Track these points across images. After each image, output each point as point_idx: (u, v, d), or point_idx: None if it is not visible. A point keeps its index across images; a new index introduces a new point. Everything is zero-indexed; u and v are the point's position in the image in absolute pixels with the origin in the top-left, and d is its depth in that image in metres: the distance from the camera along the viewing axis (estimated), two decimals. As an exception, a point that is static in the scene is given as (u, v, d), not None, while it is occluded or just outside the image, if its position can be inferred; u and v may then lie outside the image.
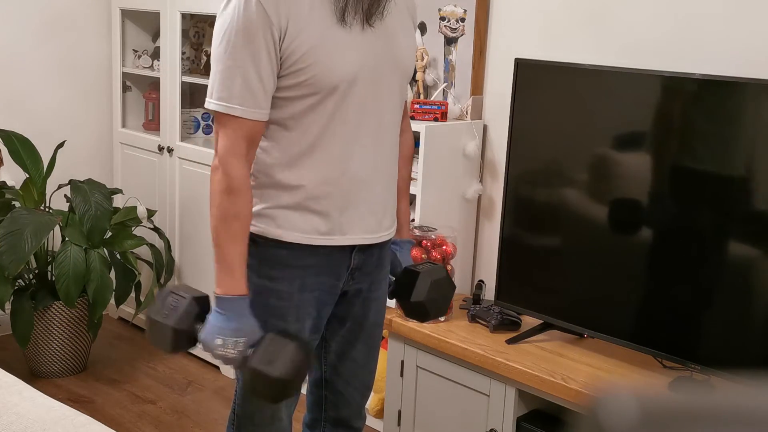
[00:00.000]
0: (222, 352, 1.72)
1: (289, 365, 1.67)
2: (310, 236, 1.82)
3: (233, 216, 1.74)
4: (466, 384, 2.61)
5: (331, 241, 1.83)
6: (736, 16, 2.43)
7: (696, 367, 2.31)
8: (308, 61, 1.71)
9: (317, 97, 1.74)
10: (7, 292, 3.15)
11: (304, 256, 1.83)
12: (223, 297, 1.74)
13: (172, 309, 1.75)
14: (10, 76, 3.77)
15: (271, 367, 1.66)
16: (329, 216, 1.81)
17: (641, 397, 0.46)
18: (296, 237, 1.81)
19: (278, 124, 1.78)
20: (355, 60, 1.75)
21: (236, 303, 1.73)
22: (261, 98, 1.72)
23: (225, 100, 1.71)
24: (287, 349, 1.68)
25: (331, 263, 1.87)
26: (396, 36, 1.83)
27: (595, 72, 2.47)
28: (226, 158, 1.72)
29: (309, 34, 1.70)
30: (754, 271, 2.23)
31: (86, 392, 3.38)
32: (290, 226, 1.81)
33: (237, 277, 1.75)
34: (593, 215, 2.53)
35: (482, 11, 3.00)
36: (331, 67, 1.72)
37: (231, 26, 1.69)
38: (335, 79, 1.73)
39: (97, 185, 3.43)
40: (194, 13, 3.63)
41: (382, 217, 1.90)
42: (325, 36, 1.72)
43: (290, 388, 1.70)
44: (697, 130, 2.33)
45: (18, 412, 1.62)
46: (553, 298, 2.62)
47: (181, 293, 1.78)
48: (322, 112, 1.75)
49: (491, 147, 3.06)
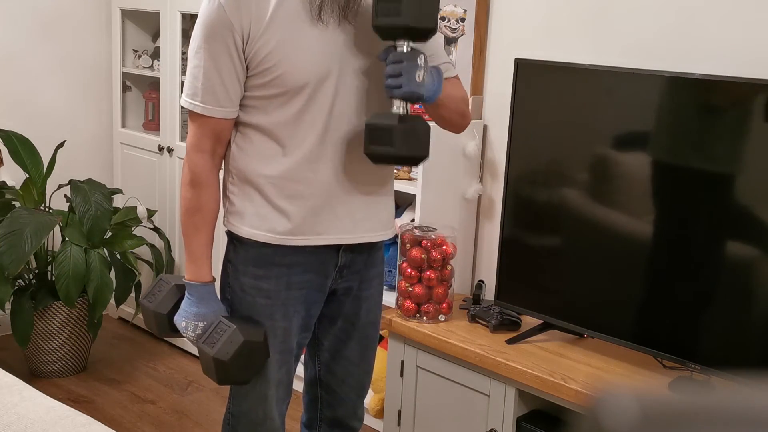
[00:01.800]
0: (185, 334, 1.86)
1: (228, 347, 1.77)
2: (282, 236, 1.83)
3: (195, 209, 1.83)
4: (466, 384, 2.61)
5: (306, 241, 1.84)
6: (736, 16, 2.43)
7: (696, 367, 2.31)
8: (273, 60, 1.72)
9: (285, 97, 1.76)
10: (7, 292, 3.15)
11: (289, 254, 1.85)
12: (190, 283, 1.86)
13: (156, 294, 1.92)
14: (10, 76, 3.77)
15: (211, 348, 1.79)
16: (301, 216, 1.82)
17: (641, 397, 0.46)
18: (271, 238, 1.83)
19: (251, 125, 1.81)
20: (325, 58, 1.75)
21: (201, 289, 1.85)
22: (222, 98, 1.76)
23: (190, 97, 1.79)
24: (227, 333, 1.79)
25: (317, 261, 1.87)
26: (370, 33, 1.79)
27: (595, 72, 2.47)
28: (191, 153, 1.82)
29: (273, 33, 1.71)
30: (754, 271, 2.23)
31: (86, 392, 3.38)
32: (265, 227, 1.83)
33: (200, 265, 1.85)
34: (593, 215, 2.53)
35: (482, 11, 3.00)
36: (297, 66, 1.73)
37: (199, 27, 1.75)
38: (302, 77, 1.73)
39: (97, 185, 3.43)
40: (194, 13, 3.63)
41: (362, 219, 1.89)
42: (291, 34, 1.72)
43: (232, 370, 1.80)
44: (697, 129, 2.33)
45: (18, 412, 1.62)
46: (553, 298, 2.62)
47: (167, 280, 1.94)
48: (291, 112, 1.77)
49: (491, 147, 3.06)
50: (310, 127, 1.78)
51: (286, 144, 1.79)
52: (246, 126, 1.82)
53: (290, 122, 1.78)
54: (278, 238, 1.83)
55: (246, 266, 1.86)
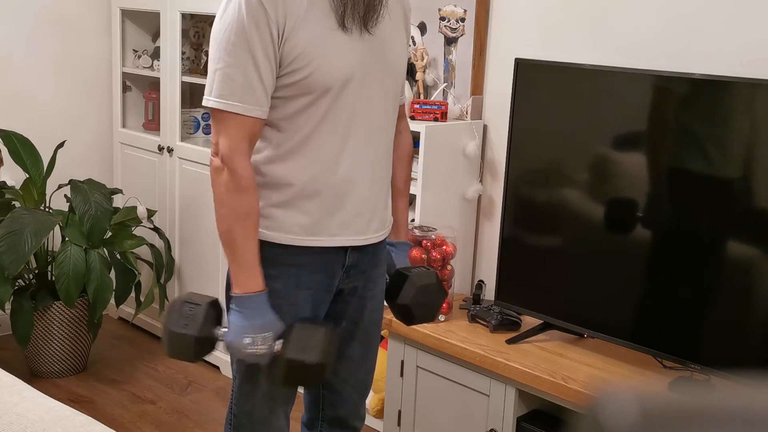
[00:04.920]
0: (252, 350, 1.74)
1: (324, 349, 1.72)
2: (296, 237, 1.82)
3: (246, 214, 1.75)
4: (466, 384, 2.61)
5: (320, 242, 1.83)
6: (735, 16, 2.43)
7: (696, 368, 2.31)
8: (304, 61, 1.72)
9: (310, 98, 1.75)
10: (7, 292, 3.15)
11: (299, 255, 1.84)
12: (243, 296, 1.75)
13: (189, 318, 1.76)
14: (10, 76, 3.77)
15: (307, 354, 1.71)
16: (317, 216, 1.82)
17: (641, 397, 0.46)
18: (284, 238, 1.82)
19: (271, 124, 1.79)
20: (349, 62, 1.76)
21: (257, 299, 1.76)
22: (261, 96, 1.72)
23: (226, 98, 1.72)
24: (318, 334, 1.73)
25: (325, 261, 1.87)
26: (388, 40, 1.85)
27: (595, 72, 2.47)
28: (232, 157, 1.72)
29: (305, 34, 1.71)
30: (754, 271, 2.23)
31: (86, 392, 3.38)
32: (278, 227, 1.81)
33: (254, 274, 1.76)
34: (593, 215, 2.53)
35: (482, 11, 3.00)
36: (327, 69, 1.73)
37: (232, 24, 1.69)
38: (330, 80, 1.74)
39: (97, 185, 3.43)
40: (194, 13, 3.63)
41: (370, 219, 1.90)
42: (322, 37, 1.73)
43: (325, 371, 1.75)
44: (696, 129, 2.33)
45: (18, 412, 1.62)
46: (553, 298, 2.62)
47: (195, 301, 1.79)
48: (314, 113, 1.76)
49: (491, 147, 3.06)
50: (330, 129, 1.78)
51: (302, 144, 1.78)
52: (264, 126, 1.79)
53: (309, 123, 1.77)
54: (293, 239, 1.82)
55: None
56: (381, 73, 1.84)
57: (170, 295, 3.78)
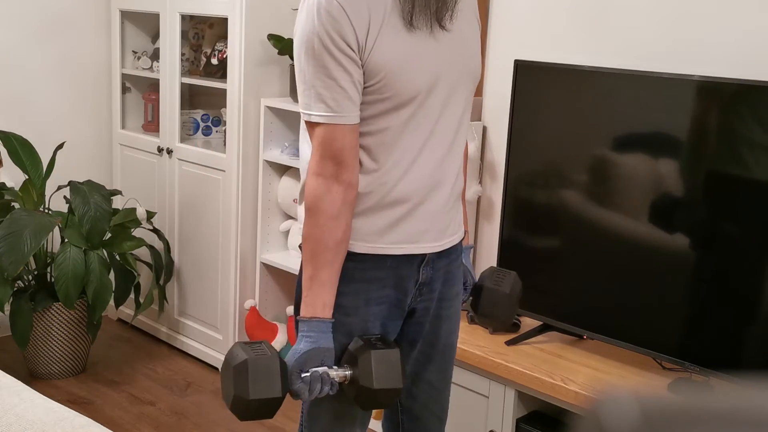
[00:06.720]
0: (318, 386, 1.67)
1: (401, 372, 1.69)
2: (373, 245, 1.75)
3: (340, 240, 1.68)
4: (466, 385, 2.61)
5: (398, 249, 1.76)
6: (735, 17, 2.43)
7: (695, 368, 2.31)
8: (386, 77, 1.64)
9: (393, 103, 1.67)
10: (7, 294, 3.15)
11: (371, 269, 1.76)
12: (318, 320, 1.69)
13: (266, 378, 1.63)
14: (9, 77, 3.77)
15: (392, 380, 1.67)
16: (396, 223, 1.74)
17: (641, 398, 0.47)
18: (360, 246, 1.74)
19: None
20: (431, 69, 1.68)
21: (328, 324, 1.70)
22: (357, 102, 1.65)
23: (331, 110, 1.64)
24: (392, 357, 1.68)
25: (397, 276, 1.79)
26: (466, 40, 1.75)
27: (594, 73, 2.47)
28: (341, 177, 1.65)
29: (385, 41, 1.63)
30: (753, 272, 2.23)
31: (85, 394, 3.38)
32: (359, 236, 1.73)
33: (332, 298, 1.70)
34: (592, 217, 2.53)
35: (482, 12, 3.00)
36: (409, 78, 1.65)
37: (313, 35, 1.61)
38: (413, 89, 1.66)
39: (96, 186, 3.43)
40: (193, 14, 3.63)
41: (448, 224, 1.83)
42: (402, 45, 1.65)
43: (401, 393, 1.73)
44: (695, 130, 2.33)
45: (17, 414, 1.62)
46: (552, 300, 2.62)
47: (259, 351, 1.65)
48: (396, 119, 1.68)
49: (491, 148, 3.06)
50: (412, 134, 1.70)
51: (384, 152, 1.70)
52: None
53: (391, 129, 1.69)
54: (370, 248, 1.74)
55: None
56: (461, 77, 1.75)
57: (169, 296, 3.78)
